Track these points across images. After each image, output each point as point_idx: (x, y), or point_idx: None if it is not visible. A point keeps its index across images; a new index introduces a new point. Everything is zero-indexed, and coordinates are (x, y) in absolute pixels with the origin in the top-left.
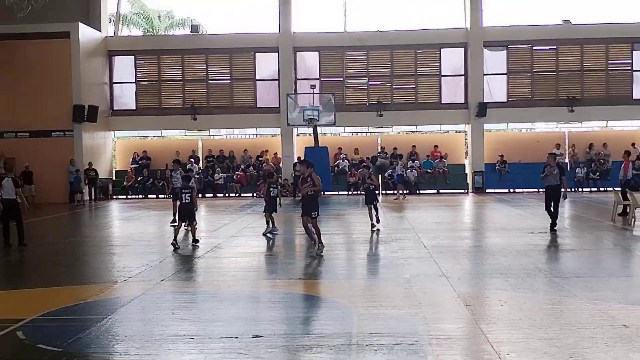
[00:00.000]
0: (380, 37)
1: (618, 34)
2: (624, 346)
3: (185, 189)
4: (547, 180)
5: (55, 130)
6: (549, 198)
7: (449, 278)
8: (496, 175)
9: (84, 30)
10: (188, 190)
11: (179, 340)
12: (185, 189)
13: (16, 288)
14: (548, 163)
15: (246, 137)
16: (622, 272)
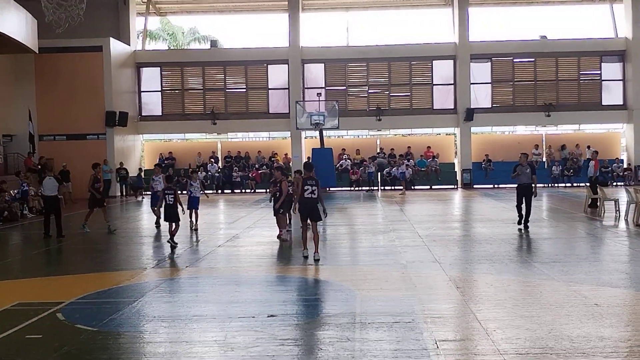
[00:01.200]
0: (379, 51)
1: (589, 48)
2: (595, 322)
3: (168, 190)
4: (518, 179)
5: (89, 133)
6: (520, 196)
7: (441, 264)
8: (482, 172)
9: (114, 45)
10: (171, 191)
11: (202, 319)
12: (168, 190)
13: (56, 274)
14: (520, 163)
15: (260, 139)
16: (593, 257)
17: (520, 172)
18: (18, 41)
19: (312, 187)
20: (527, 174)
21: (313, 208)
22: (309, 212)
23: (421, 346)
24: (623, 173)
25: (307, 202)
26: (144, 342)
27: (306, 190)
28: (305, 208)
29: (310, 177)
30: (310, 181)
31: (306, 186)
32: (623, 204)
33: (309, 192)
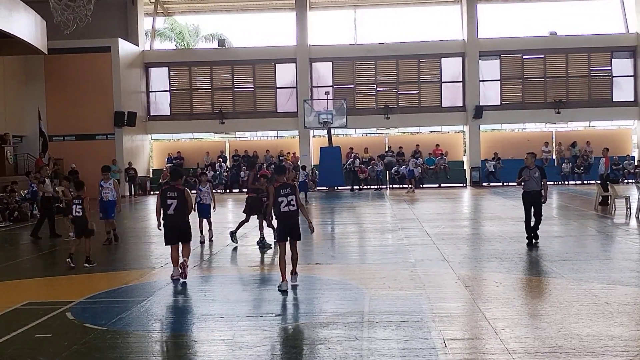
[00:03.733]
0: (387, 48)
1: (599, 44)
2: (606, 321)
3: (77, 200)
4: (525, 185)
5: (98, 133)
6: (529, 205)
7: (450, 262)
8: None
9: (123, 45)
10: (79, 200)
11: (209, 318)
12: (76, 200)
13: (65, 274)
14: (526, 165)
15: (268, 138)
16: (603, 256)
17: (527, 176)
18: (28, 42)
19: (288, 196)
20: (535, 178)
21: (294, 224)
22: (289, 229)
23: (429, 345)
24: (634, 170)
25: (285, 218)
26: (153, 341)
27: (281, 202)
28: (284, 225)
29: (284, 185)
30: (284, 190)
31: (280, 197)
32: (634, 201)
33: (285, 204)
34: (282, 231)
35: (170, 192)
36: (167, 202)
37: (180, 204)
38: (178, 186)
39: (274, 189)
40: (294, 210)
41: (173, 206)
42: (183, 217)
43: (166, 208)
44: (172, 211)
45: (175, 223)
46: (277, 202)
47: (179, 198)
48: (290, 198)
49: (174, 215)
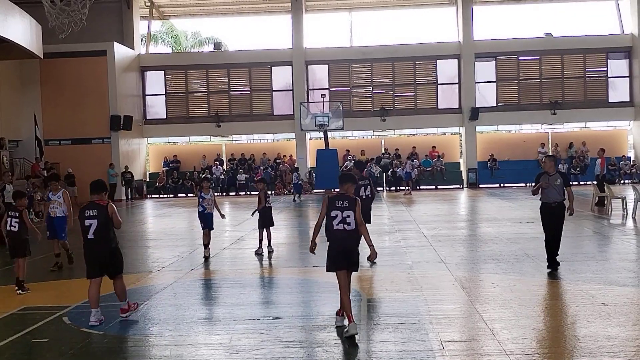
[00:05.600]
0: (383, 51)
1: (594, 45)
2: (603, 322)
3: (13, 212)
4: (544, 194)
5: (94, 137)
6: (549, 221)
7: (447, 264)
8: (488, 171)
9: (118, 49)
10: (16, 213)
11: (207, 322)
12: (12, 212)
13: (62, 278)
14: (545, 170)
15: (264, 141)
16: (600, 256)
17: (545, 185)
18: (23, 47)
19: (344, 211)
20: (557, 187)
21: (350, 249)
22: (343, 255)
23: (427, 347)
24: (630, 170)
25: (338, 239)
26: (150, 345)
27: (334, 217)
28: (337, 249)
29: (341, 196)
30: (340, 202)
31: (333, 210)
32: (631, 201)
33: (340, 221)
34: (336, 257)
35: (89, 211)
36: (85, 223)
37: (102, 225)
38: (99, 202)
39: (328, 200)
40: (350, 231)
41: (93, 228)
42: (107, 242)
43: (85, 231)
44: (92, 235)
45: (97, 251)
46: (330, 217)
47: (100, 217)
48: (346, 214)
49: (95, 241)
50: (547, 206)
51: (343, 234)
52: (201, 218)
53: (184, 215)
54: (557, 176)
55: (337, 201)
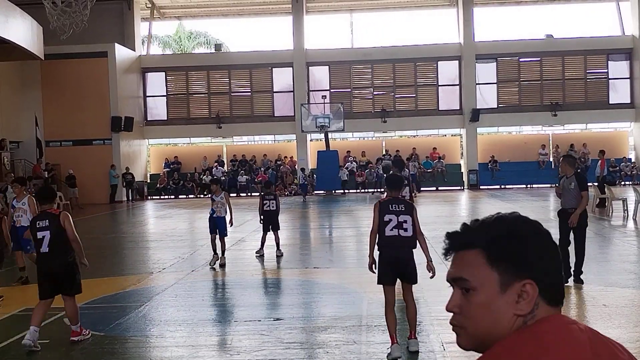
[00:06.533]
0: (384, 52)
1: (595, 46)
2: (604, 323)
3: None
4: (562, 200)
5: (95, 139)
6: (565, 227)
7: (448, 266)
8: (489, 173)
9: (119, 50)
10: None
11: (208, 323)
12: None
13: None
14: (564, 173)
15: (265, 143)
16: (601, 258)
17: (556, 189)
18: (24, 48)
19: (400, 215)
20: (571, 190)
21: (405, 259)
22: (395, 265)
23: (427, 348)
24: (631, 172)
25: (391, 247)
26: (151, 347)
27: (387, 222)
28: (389, 258)
29: (394, 200)
30: (395, 205)
31: (387, 214)
32: (631, 203)
33: (394, 226)
34: (386, 267)
35: (40, 222)
36: (37, 236)
37: (56, 236)
38: (52, 211)
39: (379, 205)
40: (406, 238)
41: (46, 241)
42: (63, 255)
43: (38, 245)
44: (46, 248)
45: (51, 266)
46: (382, 222)
47: (52, 227)
48: (403, 218)
49: (49, 255)
50: (564, 212)
51: (397, 241)
52: (210, 222)
53: (185, 216)
54: (572, 179)
55: (390, 205)
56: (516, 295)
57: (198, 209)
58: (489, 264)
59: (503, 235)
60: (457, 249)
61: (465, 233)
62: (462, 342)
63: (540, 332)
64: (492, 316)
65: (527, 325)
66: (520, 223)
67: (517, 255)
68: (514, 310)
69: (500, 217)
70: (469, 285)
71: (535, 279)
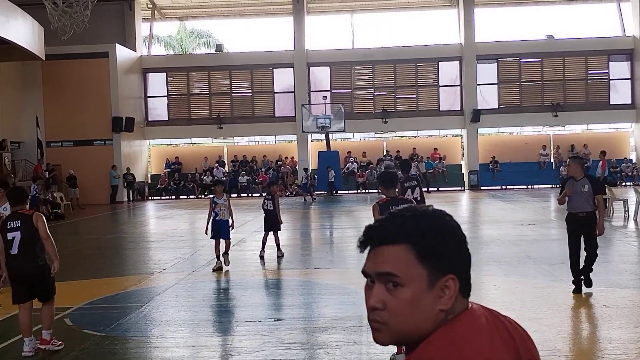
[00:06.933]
0: (384, 53)
1: (596, 47)
2: (604, 324)
3: None
4: (570, 203)
5: (96, 139)
6: (576, 234)
7: None
8: (489, 174)
9: (120, 51)
10: None
11: (208, 324)
12: None
13: (64, 280)
14: (571, 175)
15: (266, 143)
16: (602, 259)
17: (569, 191)
18: (25, 48)
19: None
20: (584, 194)
21: None
22: None
23: None
24: (632, 173)
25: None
26: (151, 347)
27: None
28: None
29: (394, 200)
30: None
31: None
32: (632, 204)
33: None
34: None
35: (11, 222)
36: (7, 237)
37: (28, 237)
38: (24, 211)
39: (379, 207)
40: None
41: (16, 242)
42: (33, 257)
43: (8, 247)
44: (16, 249)
45: (22, 268)
46: None
47: (23, 228)
48: None
49: (19, 257)
50: (573, 217)
51: None
52: (213, 226)
53: (185, 217)
54: (584, 181)
55: (390, 206)
56: (440, 291)
57: (199, 209)
58: (418, 260)
59: (430, 231)
60: (379, 244)
61: (391, 227)
62: (381, 338)
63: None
64: (419, 312)
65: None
66: (440, 218)
67: (442, 251)
68: (439, 306)
69: (424, 212)
70: (398, 281)
71: (456, 274)
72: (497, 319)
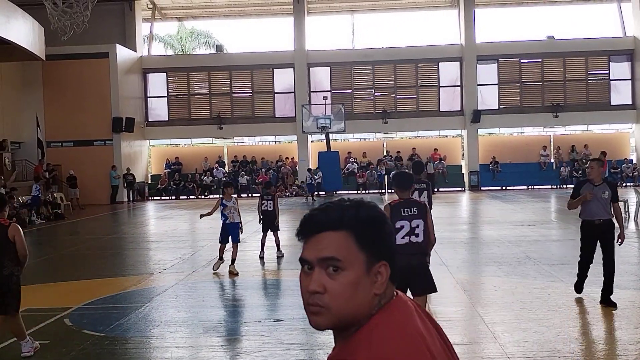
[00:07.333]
0: (385, 53)
1: (597, 48)
2: (604, 325)
3: None
4: (585, 209)
5: (96, 139)
6: (591, 242)
7: (449, 266)
8: (490, 174)
9: (121, 51)
10: None
11: (208, 324)
12: None
13: (64, 280)
14: (588, 178)
15: (266, 143)
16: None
17: (589, 193)
18: (25, 49)
19: (413, 220)
20: (604, 200)
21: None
22: (412, 274)
23: None
24: (632, 173)
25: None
26: (151, 347)
27: (399, 229)
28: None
29: (406, 202)
30: (407, 209)
31: (399, 220)
32: (633, 204)
33: (406, 233)
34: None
35: None
36: None
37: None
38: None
39: (390, 209)
40: (417, 244)
41: None
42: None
43: None
44: None
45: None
46: (394, 230)
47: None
48: (415, 223)
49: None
50: (590, 225)
51: (408, 248)
52: (223, 229)
53: (185, 217)
54: (604, 187)
55: (402, 209)
56: (374, 276)
57: (199, 209)
58: (358, 246)
59: (368, 220)
60: (319, 230)
61: (332, 215)
62: (321, 322)
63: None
64: (358, 295)
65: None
66: (374, 209)
67: (377, 239)
68: (374, 290)
69: (361, 203)
70: (340, 265)
71: (387, 261)
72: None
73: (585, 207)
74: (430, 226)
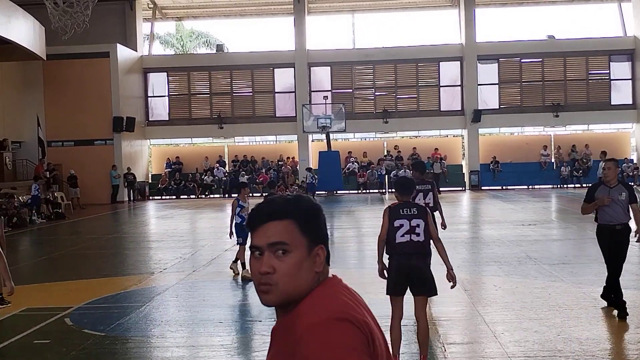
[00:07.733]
0: (385, 53)
1: (597, 47)
2: (605, 324)
3: None
4: (602, 214)
5: (97, 139)
6: (612, 249)
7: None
8: (490, 174)
9: (121, 50)
10: None
11: (209, 324)
12: None
13: (64, 279)
14: (604, 180)
15: (267, 143)
16: (603, 259)
17: (605, 196)
18: (26, 48)
19: (412, 219)
20: (622, 202)
21: (417, 268)
22: (406, 275)
23: (429, 349)
24: (633, 173)
25: (401, 254)
26: (151, 347)
27: (398, 227)
28: (398, 267)
29: (406, 204)
30: (406, 210)
31: (398, 219)
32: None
33: (406, 232)
34: (395, 277)
35: None
36: None
37: None
38: None
39: (389, 210)
40: (418, 243)
41: None
42: None
43: None
44: None
45: None
46: (392, 229)
47: None
48: (415, 222)
49: None
50: (609, 230)
51: (408, 247)
52: (239, 231)
53: (186, 217)
54: (620, 188)
55: (401, 209)
56: (314, 257)
57: (199, 209)
58: (300, 232)
59: (307, 210)
60: (267, 220)
61: (277, 207)
62: (270, 299)
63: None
64: (302, 274)
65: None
66: (311, 202)
67: (316, 226)
68: (315, 268)
69: (300, 196)
70: (287, 248)
71: (324, 244)
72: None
73: (603, 211)
74: (433, 229)
